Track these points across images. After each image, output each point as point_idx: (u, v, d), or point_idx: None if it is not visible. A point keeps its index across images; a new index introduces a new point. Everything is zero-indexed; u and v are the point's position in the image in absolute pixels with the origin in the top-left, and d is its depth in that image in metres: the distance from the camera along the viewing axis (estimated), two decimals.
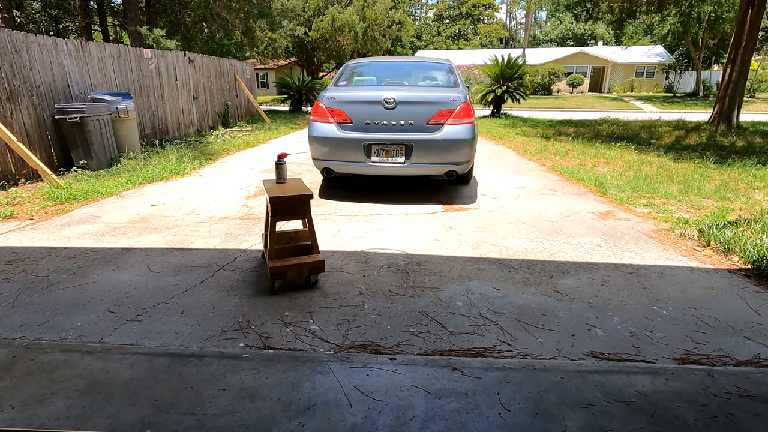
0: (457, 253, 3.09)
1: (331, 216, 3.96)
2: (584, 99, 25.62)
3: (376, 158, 4.19)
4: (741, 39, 10.08)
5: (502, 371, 1.78)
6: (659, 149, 7.65)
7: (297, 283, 2.60)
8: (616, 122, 11.99)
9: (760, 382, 1.72)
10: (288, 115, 14.93)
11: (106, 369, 1.78)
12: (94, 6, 16.32)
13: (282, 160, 2.65)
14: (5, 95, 5.10)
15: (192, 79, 9.50)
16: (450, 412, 1.55)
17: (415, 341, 2.04)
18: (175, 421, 1.50)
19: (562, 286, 2.58)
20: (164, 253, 3.10)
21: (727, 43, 13.92)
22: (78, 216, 3.99)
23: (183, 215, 4.01)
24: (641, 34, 27.49)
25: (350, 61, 5.42)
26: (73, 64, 6.16)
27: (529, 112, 15.83)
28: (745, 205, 4.24)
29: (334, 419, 1.51)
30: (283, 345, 2.01)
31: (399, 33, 30.84)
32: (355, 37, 23.96)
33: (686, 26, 21.23)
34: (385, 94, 4.14)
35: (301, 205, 2.48)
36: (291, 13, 18.18)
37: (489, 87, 14.10)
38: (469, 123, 4.15)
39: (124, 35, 18.58)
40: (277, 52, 24.64)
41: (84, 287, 2.57)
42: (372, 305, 2.37)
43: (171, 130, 8.74)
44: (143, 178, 5.40)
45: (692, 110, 18.49)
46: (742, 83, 10.57)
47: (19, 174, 5.26)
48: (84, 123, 5.50)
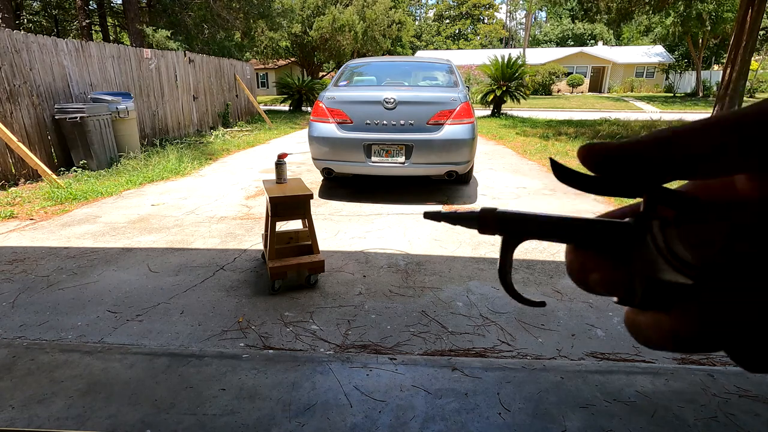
0: (457, 253, 3.09)
1: (331, 216, 3.96)
2: (584, 99, 25.61)
3: (376, 158, 4.19)
4: (741, 39, 10.08)
5: (502, 371, 1.78)
6: None
7: (297, 283, 2.60)
8: (616, 122, 11.99)
9: (760, 382, 1.72)
10: (288, 115, 14.93)
11: (106, 369, 1.78)
12: (94, 6, 16.33)
13: (282, 160, 2.65)
14: (5, 95, 5.10)
15: (192, 79, 9.50)
16: (450, 412, 1.55)
17: (415, 341, 2.04)
18: (175, 421, 1.50)
19: (562, 286, 2.58)
20: (164, 253, 3.10)
21: (727, 43, 13.91)
22: (78, 216, 3.99)
23: (183, 215, 4.01)
24: (639, 34, 27.49)
25: (350, 61, 5.41)
26: (73, 64, 6.15)
27: (529, 112, 15.83)
28: None
29: (334, 419, 1.51)
30: (283, 345, 2.01)
31: (399, 33, 30.83)
32: (355, 37, 23.95)
33: (686, 26, 21.23)
34: (385, 94, 4.14)
35: (301, 205, 2.48)
36: (291, 13, 18.17)
37: (489, 87, 14.10)
38: (469, 123, 4.15)
39: (124, 35, 18.59)
40: (277, 51, 24.64)
41: (84, 287, 2.57)
42: (372, 305, 2.37)
43: (171, 130, 8.74)
44: (143, 178, 5.40)
45: (692, 110, 18.48)
46: (742, 83, 10.57)
47: (19, 174, 5.26)
48: (84, 123, 5.49)
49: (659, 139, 0.18)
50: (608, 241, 0.20)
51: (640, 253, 0.19)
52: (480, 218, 0.22)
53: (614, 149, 0.19)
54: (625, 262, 0.20)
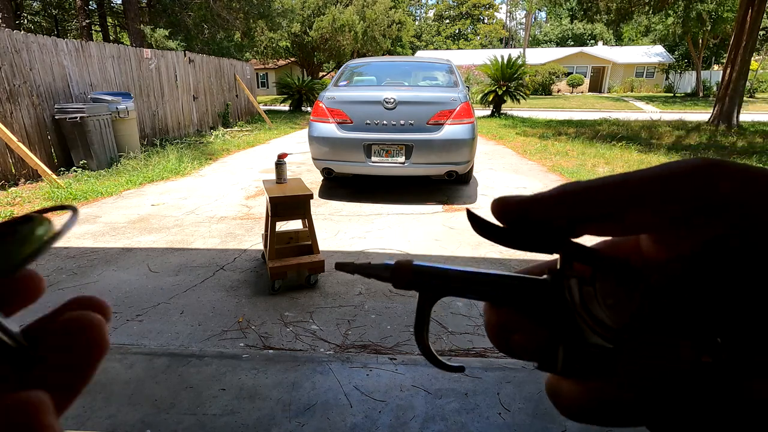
0: (457, 253, 3.09)
1: (331, 216, 3.96)
2: (584, 99, 25.62)
3: (376, 158, 4.19)
4: (741, 39, 10.08)
5: (502, 371, 1.78)
6: (659, 149, 7.65)
7: (297, 283, 2.60)
8: (616, 122, 11.99)
9: None
10: (288, 115, 14.93)
11: (106, 369, 1.78)
12: (94, 6, 16.34)
13: (282, 160, 2.65)
14: (5, 95, 5.10)
15: (192, 79, 9.50)
16: (450, 412, 1.55)
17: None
18: (175, 421, 1.50)
19: None
20: (164, 253, 3.10)
21: (727, 43, 13.90)
22: (78, 216, 3.98)
23: (183, 215, 4.01)
24: (640, 34, 27.49)
25: (350, 61, 5.41)
26: (73, 64, 6.15)
27: (529, 112, 15.83)
28: None
29: (334, 419, 1.51)
30: (283, 345, 2.01)
31: (399, 33, 30.84)
32: (355, 37, 23.96)
33: (686, 26, 21.24)
34: (385, 94, 4.14)
35: (301, 205, 2.48)
36: (291, 13, 18.17)
37: (489, 87, 14.10)
38: (469, 123, 4.15)
39: (124, 35, 18.59)
40: (277, 51, 24.64)
41: (84, 287, 2.57)
42: (372, 305, 2.37)
43: (171, 130, 8.74)
44: (143, 178, 5.40)
45: (692, 110, 18.49)
46: (742, 83, 10.57)
47: (19, 174, 5.26)
48: (84, 123, 5.49)
49: (565, 194, 0.18)
50: (526, 299, 0.19)
51: (559, 313, 0.18)
52: (394, 271, 0.20)
53: (523, 203, 0.19)
54: (544, 323, 0.19)
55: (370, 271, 0.21)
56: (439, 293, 0.20)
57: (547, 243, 0.19)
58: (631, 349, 0.17)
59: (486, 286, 0.20)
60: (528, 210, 0.19)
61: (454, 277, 0.20)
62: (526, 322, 0.19)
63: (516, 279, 0.20)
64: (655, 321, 0.17)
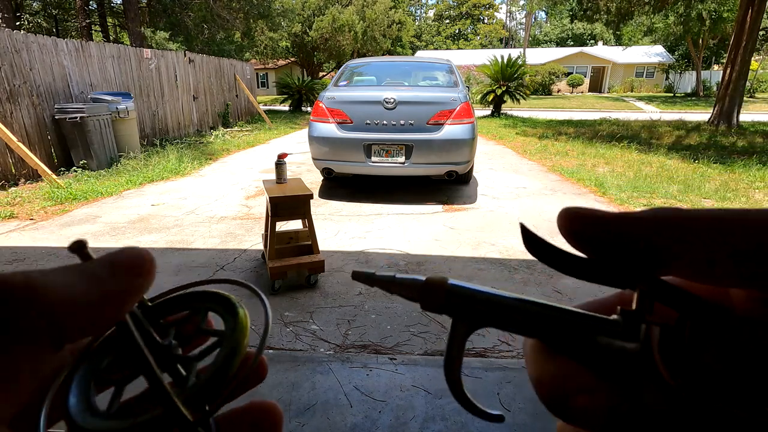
0: (457, 253, 3.09)
1: (331, 216, 3.96)
2: (584, 99, 25.63)
3: (376, 158, 4.19)
4: (741, 39, 10.08)
5: (503, 371, 1.78)
6: (659, 149, 7.65)
7: (297, 283, 2.60)
8: (616, 122, 11.99)
9: None
10: (288, 115, 14.94)
11: None
12: (94, 6, 16.34)
13: (282, 160, 2.65)
14: (5, 95, 5.10)
15: (192, 79, 9.50)
16: (450, 412, 1.55)
17: (416, 341, 2.04)
18: None
19: (563, 286, 2.58)
20: (164, 253, 3.10)
21: (727, 43, 13.91)
22: (78, 216, 3.99)
23: (183, 215, 4.01)
24: (641, 34, 27.51)
25: (350, 61, 5.41)
26: (73, 64, 6.15)
27: (529, 112, 15.83)
28: (744, 205, 4.24)
29: (334, 419, 1.51)
30: (283, 345, 2.01)
31: (399, 33, 30.87)
32: (355, 37, 23.97)
33: (687, 26, 21.24)
34: (385, 94, 4.14)
35: (301, 205, 2.48)
36: (291, 13, 18.18)
37: (489, 87, 14.11)
38: (469, 123, 4.15)
39: (124, 35, 18.60)
40: (277, 51, 24.65)
41: None
42: (372, 305, 2.37)
43: (171, 130, 8.74)
44: (143, 178, 5.40)
45: (692, 110, 18.50)
46: (742, 83, 10.57)
47: (19, 174, 5.26)
48: (84, 123, 5.49)
49: (667, 221, 0.14)
50: (596, 347, 0.15)
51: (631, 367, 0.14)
52: (424, 289, 0.16)
53: (610, 221, 0.15)
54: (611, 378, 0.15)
55: (394, 287, 0.18)
56: (478, 322, 0.16)
57: (623, 276, 0.15)
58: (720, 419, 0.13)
59: (542, 322, 0.16)
60: (612, 230, 0.15)
61: (499, 303, 0.16)
62: (590, 377, 0.15)
63: (585, 318, 0.15)
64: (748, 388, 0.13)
